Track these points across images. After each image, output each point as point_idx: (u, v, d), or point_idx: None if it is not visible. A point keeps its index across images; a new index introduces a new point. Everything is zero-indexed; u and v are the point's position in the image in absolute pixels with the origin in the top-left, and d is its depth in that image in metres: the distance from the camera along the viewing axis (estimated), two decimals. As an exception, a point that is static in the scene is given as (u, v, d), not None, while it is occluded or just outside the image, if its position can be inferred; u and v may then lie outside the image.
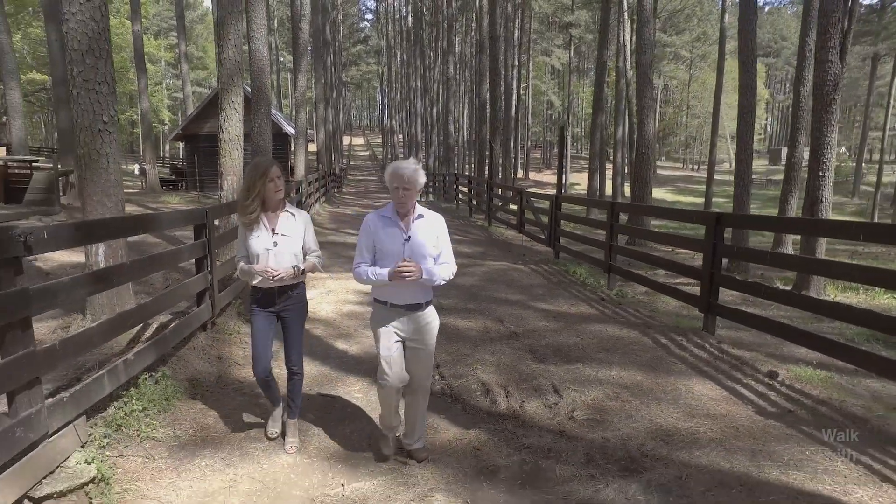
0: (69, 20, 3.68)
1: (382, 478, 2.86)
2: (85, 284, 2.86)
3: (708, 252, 5.02)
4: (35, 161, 11.13)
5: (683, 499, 2.56)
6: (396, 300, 2.80)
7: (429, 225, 2.82)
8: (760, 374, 4.13)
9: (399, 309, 2.81)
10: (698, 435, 3.23)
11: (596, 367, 4.37)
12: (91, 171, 4.00)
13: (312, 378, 4.20)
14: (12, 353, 2.23)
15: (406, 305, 2.81)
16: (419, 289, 2.80)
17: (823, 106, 6.56)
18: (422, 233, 2.78)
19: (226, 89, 7.14)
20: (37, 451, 2.35)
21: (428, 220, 2.83)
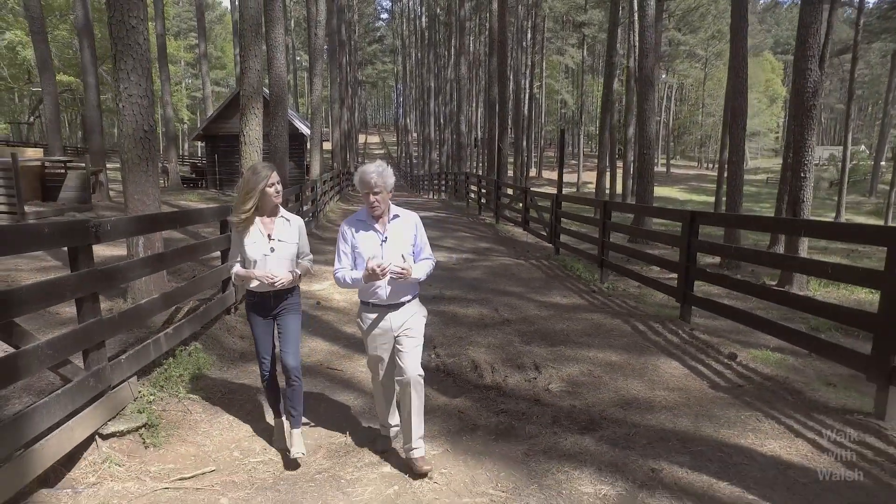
0: (123, 38, 4.29)
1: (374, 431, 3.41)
2: (138, 267, 3.47)
3: (683, 247, 5.50)
4: (69, 161, 11.89)
5: (626, 449, 3.07)
6: (380, 300, 2.83)
7: (405, 224, 2.85)
8: (722, 356, 4.61)
9: (383, 308, 2.85)
10: (654, 403, 3.73)
11: (576, 349, 4.88)
12: (133, 173, 4.62)
13: (323, 354, 4.78)
14: (86, 320, 2.83)
15: (388, 305, 2.84)
16: (402, 287, 2.83)
17: (804, 111, 6.96)
18: (399, 232, 2.81)
19: (247, 98, 7.76)
20: (103, 399, 2.94)
21: (404, 219, 2.86)
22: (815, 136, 7.02)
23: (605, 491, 2.65)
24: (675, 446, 3.08)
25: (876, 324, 3.28)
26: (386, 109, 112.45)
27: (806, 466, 2.83)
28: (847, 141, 31.04)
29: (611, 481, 2.74)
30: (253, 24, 7.53)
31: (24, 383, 3.34)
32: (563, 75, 58.74)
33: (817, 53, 6.80)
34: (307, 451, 3.06)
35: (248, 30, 7.50)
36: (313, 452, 3.14)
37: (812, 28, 6.69)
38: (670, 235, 6.21)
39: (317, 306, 6.31)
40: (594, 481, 2.74)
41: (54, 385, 3.30)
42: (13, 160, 9.31)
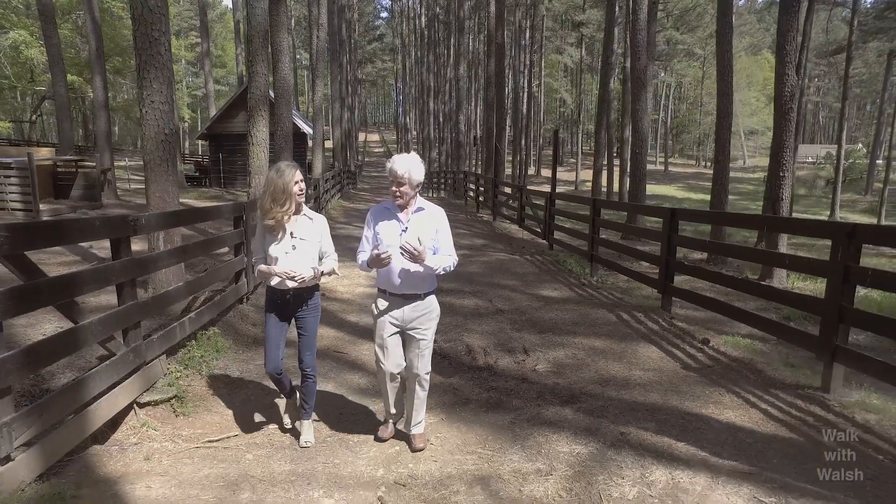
0: (146, 49, 4.69)
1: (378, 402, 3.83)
2: (164, 258, 3.87)
3: (664, 241, 5.90)
4: (81, 160, 12.29)
5: (600, 417, 3.48)
6: (394, 289, 2.85)
7: (428, 217, 2.86)
8: (696, 341, 5.02)
9: (396, 298, 2.87)
10: (629, 381, 4.14)
11: (563, 336, 5.29)
12: (155, 173, 5.03)
13: (329, 340, 5.19)
14: (126, 303, 3.23)
15: (403, 295, 2.86)
16: (417, 278, 2.82)
17: (782, 114, 7.36)
18: (419, 225, 2.82)
19: (255, 101, 8.15)
20: (139, 373, 3.35)
21: (428, 212, 2.87)
22: (793, 138, 7.42)
23: (578, 450, 3.06)
24: (643, 415, 3.49)
25: (822, 308, 3.70)
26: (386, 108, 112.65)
27: (755, 430, 3.24)
28: (841, 140, 31.44)
29: (584, 443, 3.15)
30: (260, 31, 7.92)
31: (66, 361, 3.74)
32: (563, 74, 59.08)
33: (794, 60, 7.20)
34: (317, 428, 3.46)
35: (255, 37, 7.89)
36: (323, 420, 3.55)
37: (789, 36, 7.09)
38: (653, 231, 6.60)
39: (322, 296, 6.71)
40: (570, 443, 3.15)
41: (90, 364, 3.71)
42: (29, 160, 9.70)
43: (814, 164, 59.03)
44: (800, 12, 7.16)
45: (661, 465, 2.87)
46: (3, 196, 9.97)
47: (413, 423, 3.09)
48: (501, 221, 14.37)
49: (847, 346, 3.58)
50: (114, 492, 2.48)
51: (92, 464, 2.71)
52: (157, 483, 2.61)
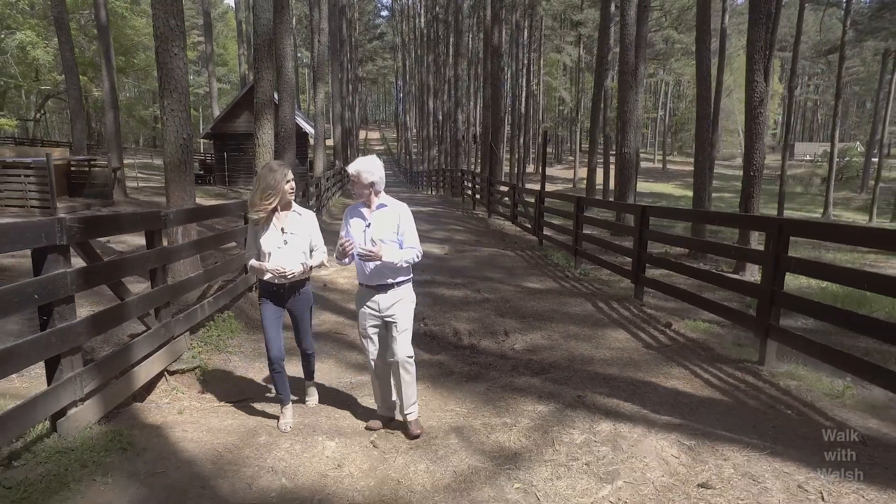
0: (167, 64, 5.26)
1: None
2: (186, 249, 4.45)
3: (636, 236, 6.46)
4: (93, 160, 12.86)
5: (563, 385, 4.05)
6: (367, 280, 3.13)
7: (390, 213, 3.09)
8: (660, 325, 5.59)
9: (371, 289, 3.12)
10: (594, 358, 4.70)
11: (542, 321, 5.85)
12: (174, 173, 5.60)
13: (330, 325, 5.76)
14: (158, 285, 3.81)
15: (376, 286, 3.11)
16: (385, 269, 3.05)
17: (752, 118, 7.91)
18: (381, 221, 3.06)
19: (260, 105, 8.72)
20: (169, 346, 3.92)
21: (389, 209, 3.10)
22: (763, 139, 7.97)
23: (540, 409, 3.63)
24: (600, 383, 4.07)
25: (759, 292, 4.26)
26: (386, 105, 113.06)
27: (693, 394, 3.81)
28: (834, 138, 31.95)
29: (546, 403, 3.72)
30: (265, 41, 8.48)
31: (103, 337, 4.32)
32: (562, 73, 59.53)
33: (763, 68, 7.75)
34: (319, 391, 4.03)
35: (261, 47, 8.45)
36: (324, 389, 4.11)
37: (757, 45, 7.63)
38: (626, 227, 7.17)
39: (324, 288, 7.29)
40: (534, 403, 3.72)
41: (121, 342, 4.28)
42: (48, 160, 10.28)
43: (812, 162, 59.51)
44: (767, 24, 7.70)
45: (608, 419, 3.43)
46: (22, 194, 10.55)
47: (406, 409, 3.20)
48: (496, 218, 14.92)
49: (779, 325, 4.15)
50: (158, 433, 3.06)
51: (136, 415, 3.29)
52: (191, 429, 3.19)
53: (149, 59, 45.48)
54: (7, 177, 10.48)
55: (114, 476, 2.57)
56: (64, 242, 2.58)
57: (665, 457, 2.94)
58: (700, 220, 7.40)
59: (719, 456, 2.92)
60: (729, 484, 2.65)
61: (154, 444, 2.95)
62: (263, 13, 8.30)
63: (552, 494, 2.62)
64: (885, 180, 43.54)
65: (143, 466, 2.71)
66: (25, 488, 2.29)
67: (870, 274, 3.56)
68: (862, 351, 4.64)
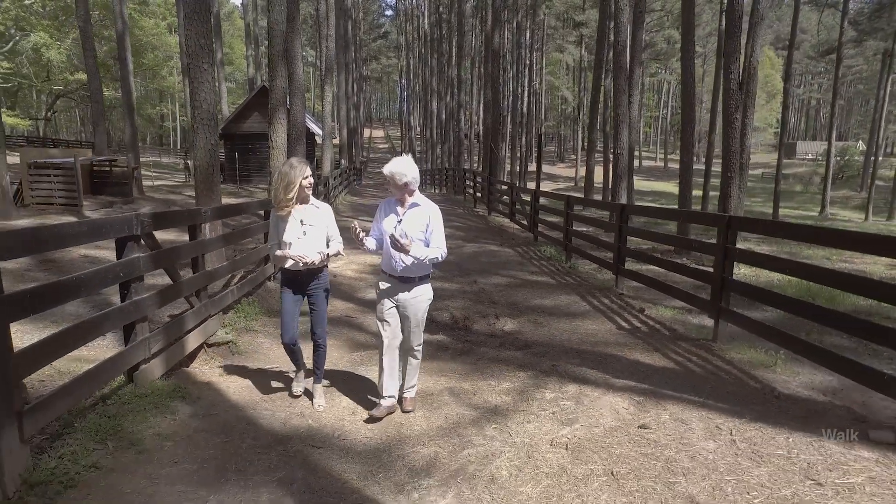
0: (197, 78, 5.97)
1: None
2: (216, 242, 5.16)
3: (616, 232, 7.14)
4: (114, 160, 13.61)
5: (542, 357, 4.74)
6: (392, 272, 3.32)
7: (421, 212, 3.27)
8: (634, 311, 6.27)
9: (394, 279, 3.33)
10: (572, 337, 5.39)
11: (530, 308, 6.54)
12: (203, 174, 6.32)
13: (342, 310, 6.47)
14: (198, 272, 4.52)
15: (399, 277, 3.31)
16: (411, 265, 3.25)
17: (728, 123, 8.56)
18: (412, 218, 3.26)
19: (274, 109, 9.43)
20: (207, 323, 4.64)
21: (421, 208, 3.29)
22: (737, 142, 8.61)
23: (520, 375, 4.33)
24: (573, 355, 4.76)
25: (712, 279, 4.94)
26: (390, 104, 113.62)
27: (651, 364, 4.50)
28: (831, 138, 32.41)
29: (525, 371, 4.41)
30: (279, 51, 9.19)
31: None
32: (565, 72, 60.07)
33: (738, 78, 8.39)
34: (336, 358, 4.74)
35: (275, 56, 9.16)
36: (338, 361, 4.82)
37: (732, 57, 8.28)
38: (605, 223, 7.87)
39: (333, 278, 8.00)
40: (515, 371, 4.42)
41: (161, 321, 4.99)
42: (75, 161, 11.03)
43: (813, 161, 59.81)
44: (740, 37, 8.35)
45: (575, 382, 4.13)
46: (51, 192, 11.31)
47: (406, 388, 3.58)
48: (496, 216, 15.61)
49: (729, 308, 4.83)
50: (206, 387, 3.78)
51: (187, 375, 4.01)
52: (233, 385, 3.91)
53: (156, 59, 46.48)
54: (38, 176, 11.24)
55: (178, 415, 3.30)
56: (138, 233, 3.30)
57: (617, 408, 3.64)
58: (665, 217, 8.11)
59: (660, 407, 3.61)
60: (662, 426, 3.34)
61: (205, 394, 3.67)
62: (278, 26, 9.01)
63: (522, 433, 3.32)
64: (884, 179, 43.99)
65: (199, 409, 3.44)
66: (119, 418, 3.01)
67: (791, 262, 4.23)
68: (808, 333, 5.32)
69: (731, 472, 2.77)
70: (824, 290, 6.73)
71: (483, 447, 3.14)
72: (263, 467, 2.87)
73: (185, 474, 2.74)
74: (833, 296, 6.52)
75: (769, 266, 4.43)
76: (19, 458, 2.33)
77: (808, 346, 3.87)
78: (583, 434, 3.28)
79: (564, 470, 2.86)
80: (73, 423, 2.91)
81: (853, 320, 3.58)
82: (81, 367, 3.25)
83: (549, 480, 2.77)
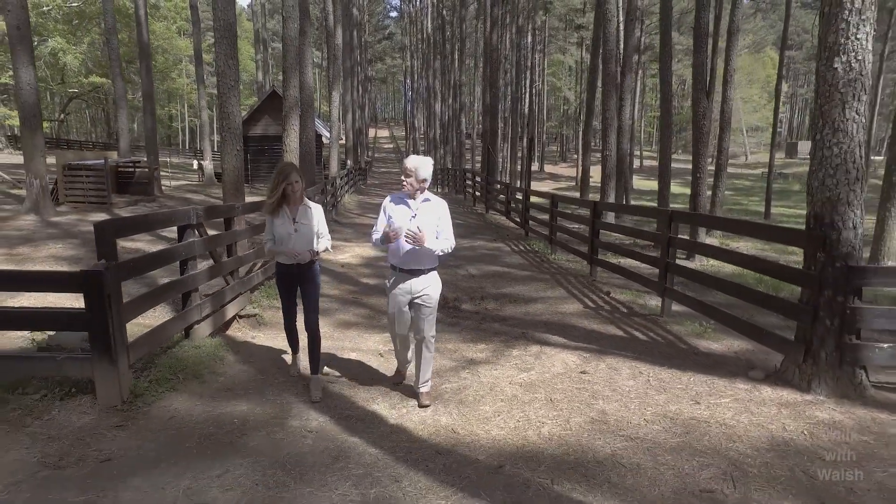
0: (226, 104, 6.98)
1: (383, 334, 6.08)
2: (244, 233, 6.16)
3: (590, 226, 8.10)
4: (138, 162, 14.68)
5: (515, 327, 5.71)
6: (402, 264, 3.46)
7: (433, 207, 3.46)
8: (601, 293, 7.24)
9: (404, 272, 3.47)
10: (545, 313, 6.36)
11: (513, 290, 7.51)
12: (230, 176, 7.33)
13: (349, 293, 7.47)
14: (231, 256, 5.52)
15: (409, 270, 3.45)
16: (421, 256, 3.40)
17: (697, 128, 9.50)
18: (426, 212, 3.41)
19: (287, 116, 10.43)
20: (239, 298, 5.63)
21: (433, 203, 3.48)
22: (706, 146, 9.55)
23: (495, 339, 5.30)
24: (541, 326, 5.74)
25: (660, 264, 5.91)
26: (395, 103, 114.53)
27: (603, 332, 5.47)
28: (826, 138, 33.19)
29: (500, 336, 5.38)
30: (293, 63, 10.19)
31: (189, 294, 6.04)
32: (567, 73, 60.91)
33: (705, 87, 9.33)
34: (345, 327, 5.72)
35: (289, 68, 10.16)
36: (347, 327, 5.81)
37: (700, 69, 9.22)
38: (582, 217, 8.85)
39: (342, 268, 9.01)
40: (491, 337, 5.39)
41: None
42: (106, 163, 12.09)
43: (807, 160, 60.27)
44: (707, 50, 9.28)
45: (538, 344, 5.10)
46: (84, 191, 12.38)
47: (421, 382, 3.67)
48: (493, 214, 16.59)
49: (672, 287, 5.79)
50: (244, 345, 4.79)
51: (226, 336, 5.02)
52: (263, 342, 4.92)
53: (167, 62, 47.86)
54: (72, 177, 12.32)
55: (227, 361, 4.31)
56: (195, 222, 4.30)
57: (567, 361, 4.61)
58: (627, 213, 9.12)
59: (601, 361, 4.58)
60: (598, 371, 4.32)
61: (243, 349, 4.68)
62: (292, 41, 10.01)
63: (488, 376, 4.30)
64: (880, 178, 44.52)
65: (240, 358, 4.45)
66: (184, 360, 4.02)
67: (714, 248, 5.20)
68: (751, 315, 6.26)
69: (638, 398, 3.75)
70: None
71: (457, 384, 4.13)
72: (293, 391, 3.88)
73: (234, 396, 3.74)
74: (778, 282, 7.46)
75: (698, 251, 5.43)
76: (127, 377, 3.35)
77: (727, 317, 4.83)
78: (535, 377, 4.26)
79: (516, 397, 3.84)
80: (153, 362, 3.93)
81: (756, 293, 4.54)
82: (142, 331, 4.27)
83: (502, 403, 3.75)
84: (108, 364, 3.18)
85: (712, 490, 2.62)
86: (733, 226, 5.26)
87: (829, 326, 3.59)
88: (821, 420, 3.32)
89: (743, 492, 2.60)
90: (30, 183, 10.74)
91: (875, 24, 3.25)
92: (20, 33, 9.78)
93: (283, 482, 2.70)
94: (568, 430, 3.31)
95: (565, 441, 3.16)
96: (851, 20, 3.28)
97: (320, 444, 3.12)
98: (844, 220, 3.53)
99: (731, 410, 3.47)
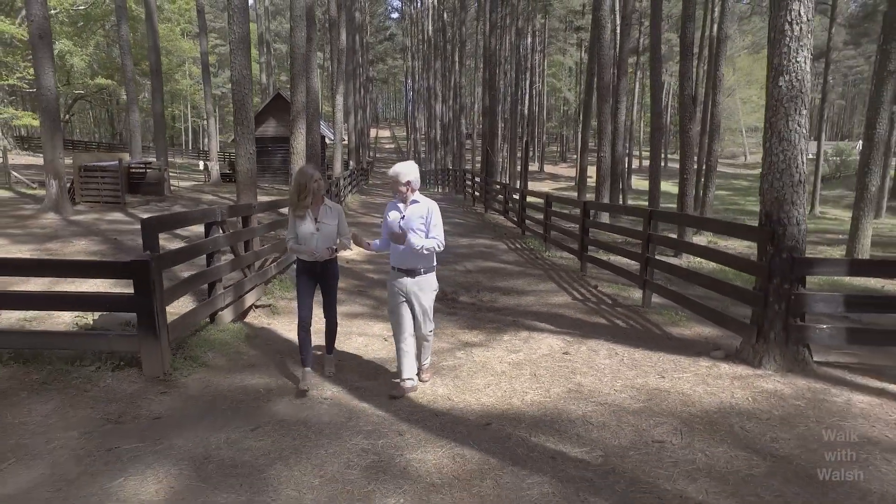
0: (241, 101, 7.51)
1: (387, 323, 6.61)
2: (263, 229, 6.69)
3: (580, 224, 8.63)
4: (149, 163, 15.23)
5: (508, 316, 6.24)
6: (398, 264, 3.72)
7: (420, 207, 3.68)
8: (590, 287, 7.76)
9: (401, 272, 3.72)
10: (535, 304, 6.89)
11: (508, 284, 8.04)
12: (244, 177, 7.87)
13: (353, 286, 8.00)
14: (248, 251, 6.05)
15: (405, 269, 3.70)
16: (414, 256, 3.64)
17: (684, 132, 10.02)
18: (413, 213, 3.66)
19: (294, 119, 10.97)
20: (255, 289, 6.17)
21: (420, 204, 3.69)
22: (693, 149, 10.07)
23: (488, 326, 5.83)
24: (532, 315, 6.27)
25: (640, 259, 6.43)
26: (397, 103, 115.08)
27: (587, 320, 5.99)
28: (821, 139, 33.68)
29: (494, 324, 5.91)
30: (299, 70, 10.72)
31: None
32: (567, 74, 61.41)
33: (692, 93, 9.85)
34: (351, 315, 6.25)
35: (296, 75, 10.69)
36: (354, 316, 6.34)
37: (686, 76, 9.75)
38: (573, 216, 9.37)
39: (347, 264, 9.54)
40: (488, 324, 5.92)
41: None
42: (120, 164, 12.64)
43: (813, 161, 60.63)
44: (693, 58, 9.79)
45: (528, 330, 5.63)
46: (99, 191, 12.94)
47: (423, 361, 4.13)
48: (492, 213, 17.12)
49: (652, 280, 6.31)
50: (262, 331, 5.33)
51: (247, 323, 5.56)
52: (281, 330, 5.46)
53: (171, 64, 48.49)
54: (88, 177, 12.88)
55: (247, 344, 4.85)
56: (220, 220, 4.84)
57: (552, 344, 5.15)
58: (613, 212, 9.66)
59: (583, 344, 5.11)
60: (579, 353, 4.85)
61: (262, 334, 5.22)
62: (299, 50, 10.54)
63: (481, 356, 4.84)
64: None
65: (259, 342, 4.99)
66: (212, 343, 4.56)
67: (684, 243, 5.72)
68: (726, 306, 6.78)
69: (612, 373, 4.28)
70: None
71: (453, 362, 4.66)
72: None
73: (258, 371, 4.28)
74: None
75: (670, 245, 5.92)
76: (168, 352, 3.89)
77: (697, 305, 5.36)
78: (523, 357, 4.79)
79: (504, 373, 4.38)
80: (186, 342, 4.47)
81: (725, 284, 5.07)
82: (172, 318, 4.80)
83: (492, 378, 4.28)
84: (153, 340, 3.72)
85: (663, 440, 3.15)
86: (701, 223, 5.80)
87: (777, 310, 4.11)
88: (765, 389, 3.84)
89: (688, 441, 3.13)
90: (49, 183, 11.30)
91: (812, 49, 3.77)
92: (42, 42, 10.33)
93: (305, 434, 3.25)
94: (547, 397, 3.84)
95: (544, 406, 3.69)
96: (792, 46, 3.80)
97: (334, 409, 3.66)
98: (790, 218, 4.05)
99: (690, 383, 4.00)
